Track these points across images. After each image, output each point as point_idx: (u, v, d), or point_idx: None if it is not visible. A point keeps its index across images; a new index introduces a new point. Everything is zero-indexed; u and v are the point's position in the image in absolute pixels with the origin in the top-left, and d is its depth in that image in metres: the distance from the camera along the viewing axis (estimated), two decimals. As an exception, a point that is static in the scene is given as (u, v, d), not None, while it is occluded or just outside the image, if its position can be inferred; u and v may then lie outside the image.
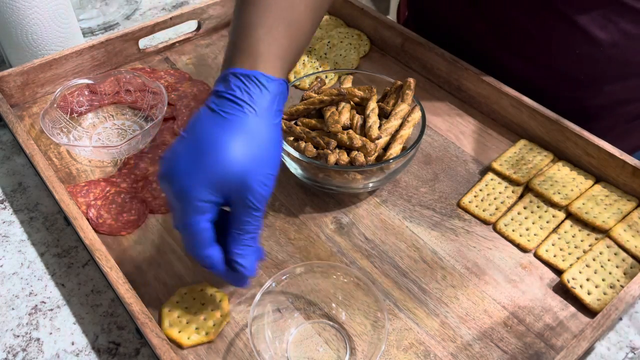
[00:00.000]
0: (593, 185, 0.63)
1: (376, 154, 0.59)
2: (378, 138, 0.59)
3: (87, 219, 0.58)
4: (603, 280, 0.54)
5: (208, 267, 0.47)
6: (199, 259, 0.46)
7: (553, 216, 0.60)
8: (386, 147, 0.60)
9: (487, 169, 0.66)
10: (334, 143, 0.58)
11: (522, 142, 0.68)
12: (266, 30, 0.48)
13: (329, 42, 0.82)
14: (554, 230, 0.59)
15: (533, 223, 0.60)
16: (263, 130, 0.45)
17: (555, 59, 0.70)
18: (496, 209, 0.61)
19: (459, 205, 0.62)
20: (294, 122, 0.63)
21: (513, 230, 0.59)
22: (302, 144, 0.59)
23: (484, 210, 0.61)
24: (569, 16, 0.65)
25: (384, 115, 0.63)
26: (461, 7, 0.75)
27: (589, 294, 0.53)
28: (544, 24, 0.68)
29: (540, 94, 0.68)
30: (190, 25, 0.85)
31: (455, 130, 0.71)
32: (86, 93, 0.72)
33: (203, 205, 0.44)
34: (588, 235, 0.58)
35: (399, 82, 0.65)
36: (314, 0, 0.52)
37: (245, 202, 0.44)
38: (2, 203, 0.63)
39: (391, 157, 0.58)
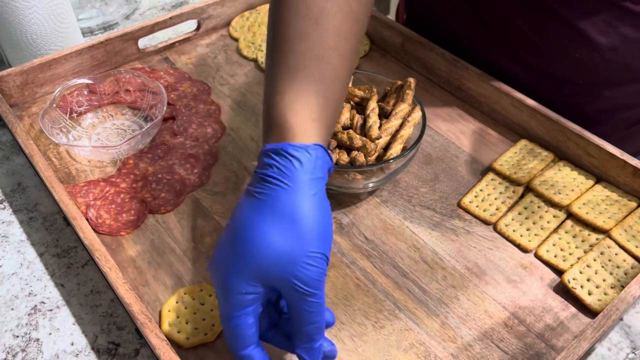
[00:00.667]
0: (594, 185, 0.62)
1: (376, 154, 0.58)
2: (378, 138, 0.58)
3: (87, 219, 0.58)
4: (604, 280, 0.54)
5: None
6: (235, 358, 0.42)
7: (554, 216, 0.60)
8: (386, 147, 0.60)
9: (488, 169, 0.66)
10: (334, 143, 0.58)
11: (522, 142, 0.68)
12: (294, 93, 0.44)
13: (329, 41, 0.82)
14: (555, 230, 0.59)
15: (534, 223, 0.59)
16: (299, 204, 0.41)
17: (554, 64, 0.70)
18: (497, 209, 0.61)
19: (459, 205, 0.62)
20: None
21: (514, 231, 0.59)
22: (302, 144, 0.59)
23: (484, 211, 0.61)
24: (569, 20, 0.65)
25: (384, 115, 0.62)
26: (459, 12, 0.75)
27: (589, 294, 0.53)
28: (542, 28, 0.68)
29: (538, 98, 0.68)
30: (190, 25, 0.85)
31: (456, 130, 0.71)
32: (85, 93, 0.72)
33: (243, 298, 0.40)
34: (589, 235, 0.58)
35: (399, 82, 0.65)
36: (348, 47, 0.48)
37: (293, 288, 0.40)
38: (1, 203, 0.63)
39: (391, 157, 0.58)
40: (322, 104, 0.45)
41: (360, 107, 0.63)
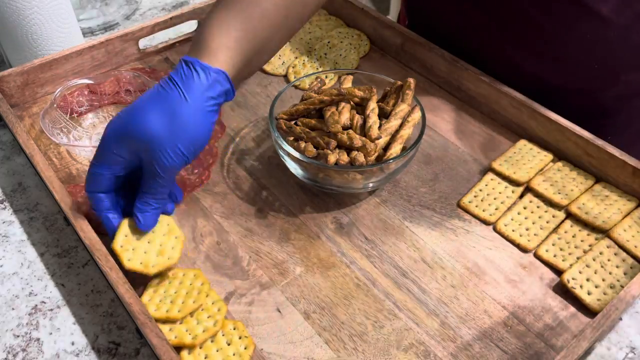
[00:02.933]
0: (593, 185, 0.63)
1: (376, 154, 0.59)
2: (378, 138, 0.59)
3: (87, 219, 0.58)
4: (603, 280, 0.54)
5: (92, 206, 0.53)
6: (89, 197, 0.53)
7: (553, 216, 0.60)
8: (386, 147, 0.60)
9: (487, 169, 0.66)
10: (334, 143, 0.58)
11: (522, 142, 0.68)
12: (220, 23, 0.53)
13: (329, 42, 0.82)
14: (554, 230, 0.59)
15: (533, 223, 0.60)
16: (186, 110, 0.49)
17: (567, 47, 0.67)
18: (496, 209, 0.61)
19: (459, 205, 0.62)
20: (294, 122, 0.63)
21: (513, 230, 0.59)
22: (302, 144, 0.59)
23: (484, 210, 0.61)
24: None
25: (384, 115, 0.63)
26: (464, 6, 0.74)
27: (589, 294, 0.53)
28: (552, 10, 0.66)
29: (552, 89, 0.66)
30: (190, 25, 0.85)
31: (455, 130, 0.71)
32: (86, 93, 0.72)
33: (116, 159, 0.50)
34: (588, 235, 0.58)
35: (399, 82, 0.65)
36: None
37: (150, 166, 0.50)
38: (2, 203, 0.63)
39: (391, 157, 0.58)
40: (241, 36, 0.53)
41: (360, 107, 0.63)
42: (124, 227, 0.53)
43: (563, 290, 0.55)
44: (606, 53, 0.67)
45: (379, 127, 0.60)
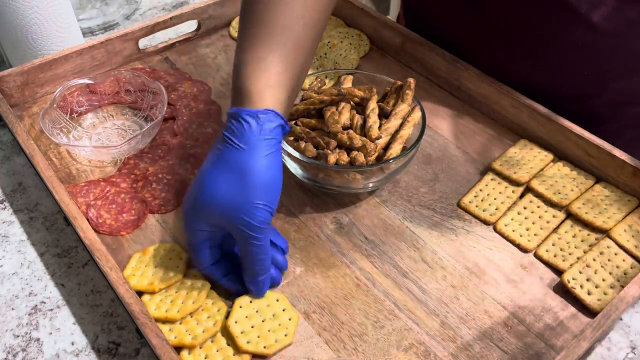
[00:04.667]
0: (593, 185, 0.63)
1: (376, 154, 0.59)
2: (378, 138, 0.59)
3: (87, 219, 0.58)
4: (603, 280, 0.54)
5: (211, 279, 0.53)
6: (202, 272, 0.53)
7: (553, 216, 0.60)
8: (386, 147, 0.60)
9: (487, 169, 0.66)
10: (334, 143, 0.58)
11: (522, 142, 0.68)
12: (255, 63, 0.50)
13: (329, 42, 0.82)
14: (554, 230, 0.59)
15: (533, 223, 0.60)
16: (251, 163, 0.48)
17: (557, 54, 0.68)
18: (496, 209, 0.61)
19: (459, 205, 0.62)
20: (294, 122, 0.63)
21: (513, 231, 0.59)
22: (302, 144, 0.59)
23: (484, 211, 0.61)
24: (571, 5, 0.63)
25: (384, 115, 0.63)
26: (457, 9, 0.74)
27: (589, 294, 0.53)
28: (544, 16, 0.66)
29: (541, 95, 0.67)
30: (190, 25, 0.85)
31: (455, 130, 0.71)
32: (86, 93, 0.72)
33: (201, 233, 0.50)
34: (588, 235, 0.58)
35: (399, 82, 0.65)
36: (315, 16, 0.53)
37: (239, 232, 0.48)
38: (2, 203, 0.63)
39: (391, 157, 0.58)
40: (281, 70, 0.51)
41: (360, 107, 0.63)
42: (236, 309, 0.52)
43: (563, 290, 0.55)
44: (595, 60, 0.67)
45: (379, 127, 0.60)
